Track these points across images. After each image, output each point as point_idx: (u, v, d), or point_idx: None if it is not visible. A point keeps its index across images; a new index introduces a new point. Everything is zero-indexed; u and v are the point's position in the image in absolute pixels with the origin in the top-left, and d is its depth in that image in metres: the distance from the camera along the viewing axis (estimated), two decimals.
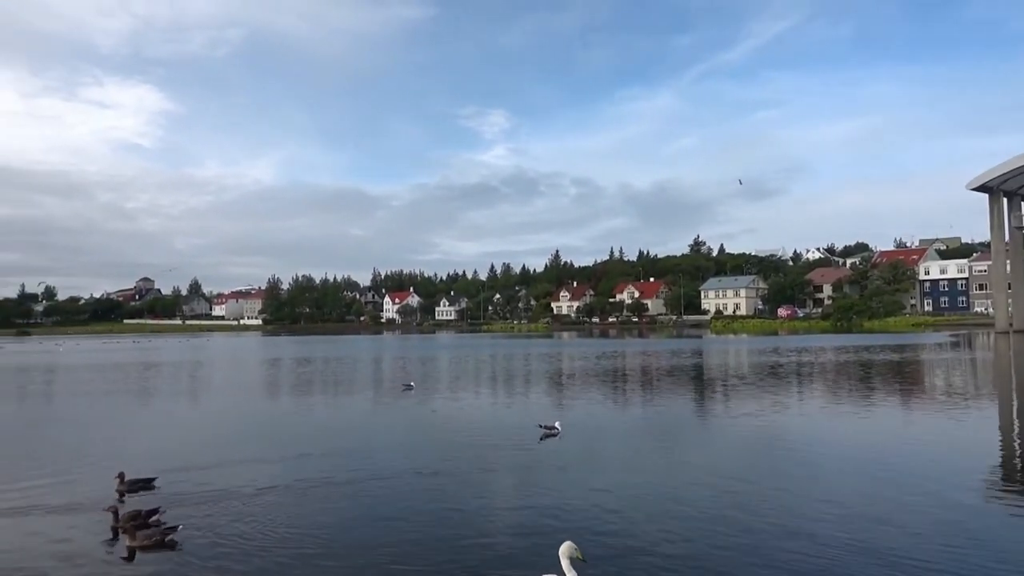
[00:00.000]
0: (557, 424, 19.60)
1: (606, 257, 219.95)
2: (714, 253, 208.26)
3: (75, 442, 20.46)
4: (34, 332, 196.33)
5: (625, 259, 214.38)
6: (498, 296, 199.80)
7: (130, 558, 10.10)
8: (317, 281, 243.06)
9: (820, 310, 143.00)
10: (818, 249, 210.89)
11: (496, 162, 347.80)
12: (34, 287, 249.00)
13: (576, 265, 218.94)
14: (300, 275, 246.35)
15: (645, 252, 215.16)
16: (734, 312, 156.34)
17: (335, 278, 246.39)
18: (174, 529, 10.76)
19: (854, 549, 9.82)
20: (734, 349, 64.28)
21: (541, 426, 19.85)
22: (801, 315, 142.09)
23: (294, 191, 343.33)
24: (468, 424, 22.55)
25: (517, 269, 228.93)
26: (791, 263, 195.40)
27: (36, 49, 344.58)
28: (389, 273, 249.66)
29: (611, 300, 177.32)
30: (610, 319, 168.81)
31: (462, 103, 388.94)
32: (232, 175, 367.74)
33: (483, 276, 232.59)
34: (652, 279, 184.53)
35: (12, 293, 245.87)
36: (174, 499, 13.06)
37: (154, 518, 11.19)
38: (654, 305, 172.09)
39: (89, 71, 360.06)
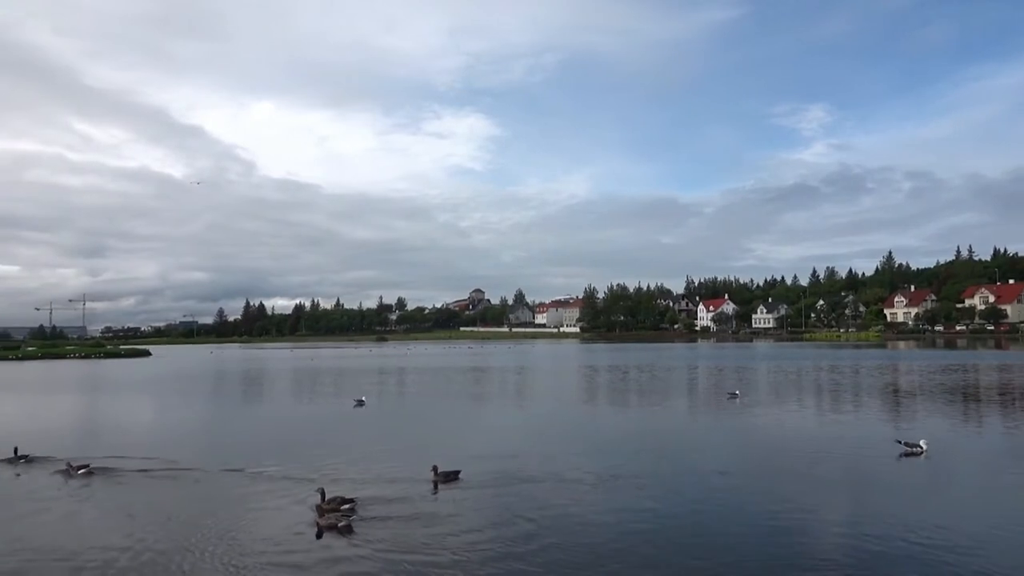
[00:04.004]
0: (922, 442, 18.08)
1: (951, 257, 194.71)
2: None
3: (415, 434, 23.85)
4: (389, 338, 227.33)
5: (976, 259, 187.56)
6: (821, 302, 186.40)
7: (319, 535, 11.91)
8: (631, 290, 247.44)
9: None
10: None
11: (816, 160, 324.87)
12: (391, 300, 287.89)
13: (913, 267, 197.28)
14: (615, 284, 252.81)
15: (1002, 250, 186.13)
16: None
17: (648, 286, 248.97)
18: (349, 516, 12.51)
19: None
20: None
21: (901, 443, 18.50)
22: None
23: (607, 203, 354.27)
24: (802, 436, 21.84)
25: (842, 273, 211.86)
26: None
27: (388, 93, 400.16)
28: (702, 280, 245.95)
29: (958, 306, 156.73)
30: (957, 327, 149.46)
31: (777, 101, 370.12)
32: (551, 191, 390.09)
33: (803, 281, 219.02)
34: (1012, 281, 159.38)
35: (372, 304, 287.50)
36: (468, 487, 15.10)
37: (346, 506, 12.95)
38: (1015, 311, 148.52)
39: (429, 107, 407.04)
